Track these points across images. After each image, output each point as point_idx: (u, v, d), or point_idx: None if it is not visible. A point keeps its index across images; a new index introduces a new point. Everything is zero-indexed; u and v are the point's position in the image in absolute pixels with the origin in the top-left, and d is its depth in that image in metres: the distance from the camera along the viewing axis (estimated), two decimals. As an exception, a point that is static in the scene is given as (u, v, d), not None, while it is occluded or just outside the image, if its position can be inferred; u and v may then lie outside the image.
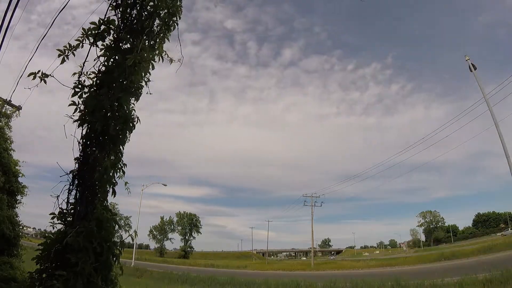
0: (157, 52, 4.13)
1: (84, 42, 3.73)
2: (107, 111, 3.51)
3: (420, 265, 27.34)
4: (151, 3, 4.00)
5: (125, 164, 3.77)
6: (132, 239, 4.23)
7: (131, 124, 3.75)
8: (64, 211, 3.33)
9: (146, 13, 3.98)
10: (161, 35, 4.18)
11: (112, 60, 3.71)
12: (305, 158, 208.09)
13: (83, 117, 3.49)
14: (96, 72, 3.69)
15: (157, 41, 4.14)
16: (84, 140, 3.50)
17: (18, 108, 11.73)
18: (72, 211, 3.32)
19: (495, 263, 15.93)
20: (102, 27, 3.75)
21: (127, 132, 3.75)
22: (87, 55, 3.72)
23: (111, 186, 3.60)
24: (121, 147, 3.69)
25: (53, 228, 3.30)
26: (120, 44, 3.79)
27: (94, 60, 3.71)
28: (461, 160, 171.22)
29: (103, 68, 3.69)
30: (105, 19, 3.77)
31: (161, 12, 4.08)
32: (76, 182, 3.39)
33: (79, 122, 3.49)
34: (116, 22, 3.80)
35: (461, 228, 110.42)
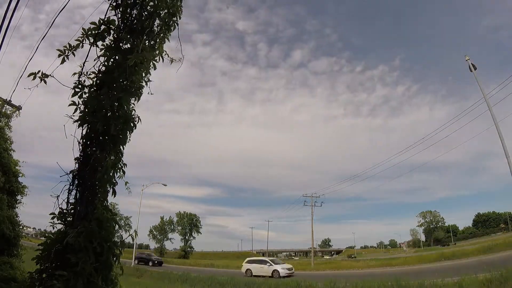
0: (157, 52, 4.13)
1: (84, 42, 3.73)
2: (107, 111, 3.51)
3: (420, 265, 27.32)
4: (151, 3, 4.00)
5: (125, 164, 3.77)
6: (133, 239, 4.22)
7: (131, 124, 3.76)
8: (64, 211, 3.33)
9: (146, 13, 3.98)
10: (161, 35, 4.18)
11: (112, 60, 3.71)
12: (308, 159, 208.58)
13: (84, 117, 3.49)
14: (96, 72, 3.69)
15: (157, 41, 4.15)
16: (84, 140, 3.50)
17: (18, 108, 11.74)
18: (72, 211, 3.33)
19: (495, 263, 15.95)
20: (102, 27, 3.74)
21: (128, 132, 3.75)
22: (87, 55, 3.73)
23: (111, 186, 3.60)
24: (121, 147, 3.69)
25: (53, 228, 3.30)
26: (120, 44, 3.79)
27: (94, 60, 3.71)
28: (461, 160, 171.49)
29: (103, 68, 3.69)
30: (105, 19, 3.77)
31: (161, 12, 4.08)
32: (76, 182, 3.39)
33: (79, 122, 3.49)
34: (116, 22, 3.80)
35: (461, 228, 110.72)
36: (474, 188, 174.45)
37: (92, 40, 3.72)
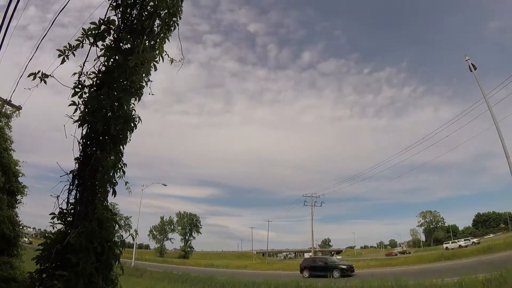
0: (157, 53, 4.13)
1: (84, 42, 3.73)
2: (107, 111, 3.51)
3: (420, 265, 27.34)
4: (151, 3, 4.00)
5: (125, 164, 3.77)
6: (133, 239, 4.23)
7: (132, 124, 3.76)
8: (64, 211, 3.33)
9: (146, 13, 3.98)
10: (162, 35, 4.18)
11: (112, 60, 3.71)
12: (312, 159, 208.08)
13: (84, 117, 3.49)
14: (96, 72, 3.69)
15: (157, 41, 4.15)
16: (84, 140, 3.50)
17: (18, 108, 11.74)
18: (72, 211, 3.33)
19: (495, 263, 15.96)
20: (102, 27, 3.74)
21: (128, 132, 3.75)
22: (87, 55, 3.73)
23: (112, 186, 3.60)
24: (121, 147, 3.69)
25: (53, 228, 3.30)
26: (121, 44, 3.79)
27: (94, 60, 3.71)
28: (461, 160, 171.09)
29: (103, 68, 3.69)
30: (105, 19, 3.77)
31: (161, 12, 4.08)
32: (76, 182, 3.39)
33: (79, 122, 3.49)
34: (116, 22, 3.80)
35: (461, 228, 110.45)
36: (474, 188, 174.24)
37: (92, 40, 3.72)
